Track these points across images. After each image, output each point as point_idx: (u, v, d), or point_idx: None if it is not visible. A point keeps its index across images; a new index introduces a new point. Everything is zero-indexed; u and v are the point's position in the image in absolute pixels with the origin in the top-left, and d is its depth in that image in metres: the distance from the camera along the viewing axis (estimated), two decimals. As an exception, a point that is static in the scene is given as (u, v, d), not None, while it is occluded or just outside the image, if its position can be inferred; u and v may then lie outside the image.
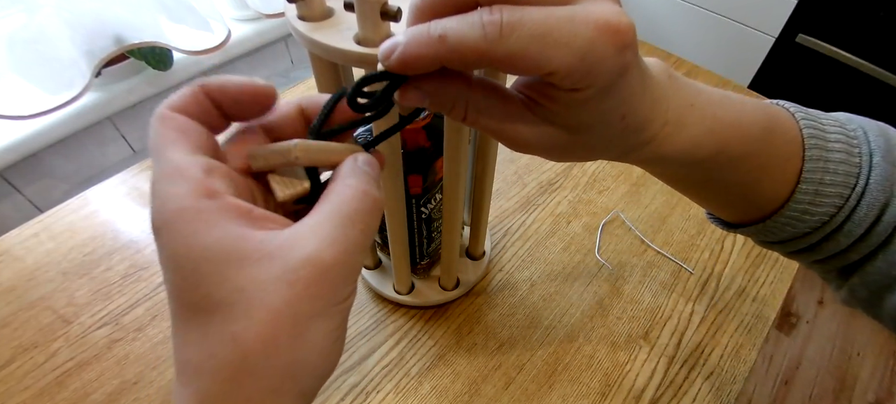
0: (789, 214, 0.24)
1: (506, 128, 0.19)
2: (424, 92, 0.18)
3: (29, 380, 0.42)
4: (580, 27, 0.15)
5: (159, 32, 0.75)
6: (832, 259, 0.26)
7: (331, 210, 0.16)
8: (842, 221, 0.24)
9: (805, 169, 0.23)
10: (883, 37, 1.13)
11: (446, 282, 0.47)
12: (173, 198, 0.15)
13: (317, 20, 0.26)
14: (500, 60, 0.16)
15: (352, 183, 0.17)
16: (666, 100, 0.21)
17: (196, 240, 0.14)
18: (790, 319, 1.32)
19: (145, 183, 0.58)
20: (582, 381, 0.43)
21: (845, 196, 0.23)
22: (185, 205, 0.15)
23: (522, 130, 0.19)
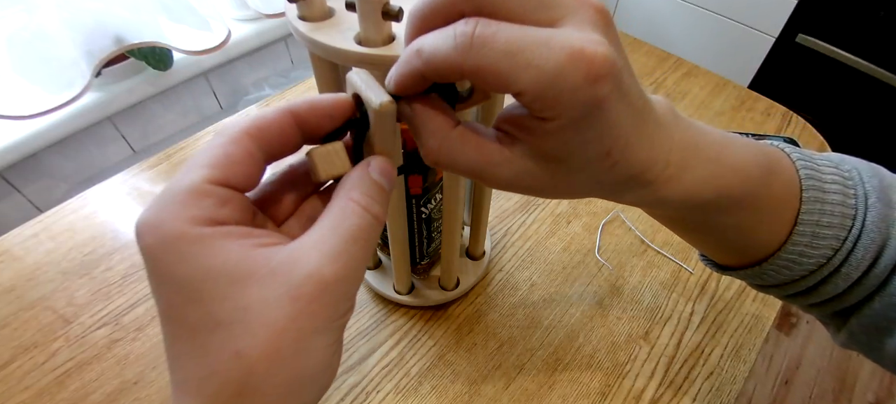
0: (786, 257, 0.24)
1: (483, 171, 0.18)
2: (408, 113, 0.19)
3: (29, 380, 0.42)
4: (554, 51, 0.15)
5: (159, 32, 0.75)
6: (829, 302, 0.25)
7: (333, 225, 0.16)
8: (839, 264, 0.23)
9: (802, 210, 0.23)
10: (883, 37, 1.13)
11: (446, 282, 0.47)
12: (176, 217, 0.15)
13: (317, 20, 0.26)
14: (470, 72, 0.16)
15: (356, 197, 0.17)
16: (669, 140, 0.20)
17: (198, 261, 0.15)
18: (790, 319, 1.32)
19: (145, 183, 0.58)
20: (582, 381, 0.43)
21: (842, 238, 0.23)
22: (186, 228, 0.15)
23: (500, 171, 0.18)
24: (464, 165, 0.19)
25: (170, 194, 0.15)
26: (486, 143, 0.18)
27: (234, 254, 0.15)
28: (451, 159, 0.18)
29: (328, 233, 0.16)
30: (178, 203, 0.15)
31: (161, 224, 0.15)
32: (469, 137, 0.18)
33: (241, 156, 0.17)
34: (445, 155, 0.18)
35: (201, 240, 0.15)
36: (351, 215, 0.17)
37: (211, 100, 0.97)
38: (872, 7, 1.10)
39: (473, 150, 0.18)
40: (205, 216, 0.15)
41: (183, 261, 0.15)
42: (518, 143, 0.18)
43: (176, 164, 0.60)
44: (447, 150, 0.18)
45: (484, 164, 0.18)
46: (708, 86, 0.74)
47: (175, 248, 0.15)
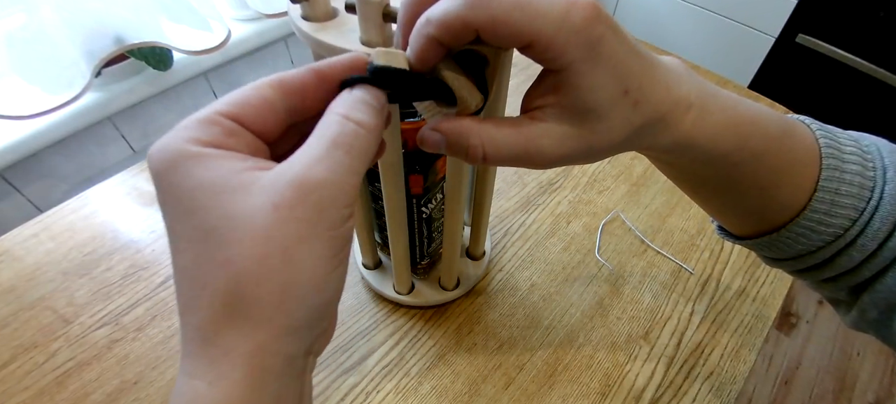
0: (805, 224, 0.24)
1: (527, 150, 0.20)
2: (442, 133, 0.20)
3: (29, 380, 0.42)
4: (555, 2, 0.17)
5: (159, 32, 0.75)
6: (842, 276, 0.25)
7: (317, 136, 0.17)
8: (856, 235, 0.23)
9: (822, 177, 0.23)
10: (883, 37, 1.13)
11: (447, 282, 0.47)
12: (179, 139, 0.16)
13: (320, 20, 0.26)
14: (482, 27, 0.17)
15: (336, 108, 0.17)
16: (686, 85, 0.21)
17: (193, 174, 0.15)
18: (790, 319, 1.32)
19: (145, 183, 0.58)
20: (582, 381, 0.43)
21: (860, 208, 0.23)
22: (187, 147, 0.16)
23: (543, 143, 0.20)
24: (507, 151, 0.20)
25: (182, 123, 0.16)
26: (522, 123, 0.20)
27: (226, 169, 0.15)
28: (495, 150, 0.20)
29: (314, 141, 0.16)
30: (185, 128, 0.16)
31: (167, 144, 0.16)
32: (502, 124, 0.20)
33: (256, 100, 0.17)
34: (490, 147, 0.20)
35: (199, 157, 0.15)
36: (332, 124, 0.17)
37: (211, 100, 0.97)
38: (872, 7, 1.10)
39: (512, 134, 0.20)
40: (207, 139, 0.16)
41: (181, 176, 0.15)
42: (548, 111, 0.20)
43: (176, 164, 0.60)
44: (490, 142, 0.19)
45: (526, 142, 0.20)
46: (708, 86, 0.74)
47: (174, 164, 0.15)
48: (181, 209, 0.15)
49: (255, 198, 0.15)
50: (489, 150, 0.20)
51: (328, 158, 0.16)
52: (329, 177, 0.16)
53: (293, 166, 0.16)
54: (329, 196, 0.16)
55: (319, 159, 0.16)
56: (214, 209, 0.15)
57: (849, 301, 0.27)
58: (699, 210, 0.57)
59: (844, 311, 0.28)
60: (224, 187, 0.15)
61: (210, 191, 0.15)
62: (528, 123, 0.20)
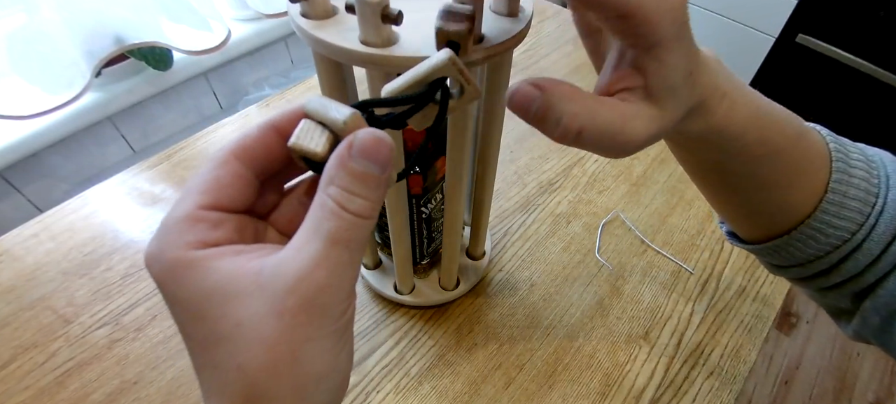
0: (815, 225, 0.25)
1: (623, 129, 0.19)
2: (542, 90, 0.19)
3: (29, 380, 0.42)
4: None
5: (159, 32, 0.75)
6: (847, 282, 0.26)
7: (312, 228, 0.16)
8: (862, 239, 0.24)
9: (832, 179, 0.24)
10: (883, 37, 1.13)
11: (447, 282, 0.47)
12: (171, 245, 0.16)
13: (320, 18, 0.26)
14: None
15: (332, 193, 0.16)
16: (721, 77, 0.22)
17: (194, 283, 0.16)
18: (790, 319, 1.32)
19: (145, 183, 0.58)
20: (582, 381, 0.43)
21: (866, 213, 0.24)
22: (180, 254, 0.16)
23: (637, 124, 0.19)
24: (605, 127, 0.19)
25: (167, 224, 0.16)
26: (618, 102, 0.20)
27: (224, 273, 0.16)
28: (593, 123, 0.19)
29: (307, 237, 0.16)
30: (174, 231, 0.16)
31: (161, 253, 0.16)
32: (601, 99, 0.19)
33: (229, 179, 0.17)
34: (588, 119, 0.19)
35: (195, 264, 0.16)
36: (329, 215, 0.16)
37: (211, 100, 0.97)
38: (872, 7, 1.10)
39: (611, 110, 0.19)
40: (198, 240, 0.16)
41: (183, 285, 0.16)
42: (637, 92, 0.20)
43: (176, 164, 0.60)
44: (589, 114, 0.19)
45: (622, 121, 0.19)
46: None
47: (174, 274, 0.16)
48: (189, 316, 0.16)
49: (258, 305, 0.15)
50: (586, 122, 0.18)
51: (327, 259, 0.15)
52: (330, 281, 0.15)
53: (291, 267, 0.15)
54: (331, 298, 0.16)
55: (318, 261, 0.15)
56: (221, 318, 0.15)
57: (851, 309, 0.28)
58: (699, 210, 0.57)
59: (845, 321, 0.28)
60: (226, 295, 0.15)
61: (213, 299, 0.15)
62: (621, 104, 0.19)
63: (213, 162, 0.17)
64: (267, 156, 0.18)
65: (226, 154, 0.18)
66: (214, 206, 0.17)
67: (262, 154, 0.18)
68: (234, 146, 0.18)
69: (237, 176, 0.17)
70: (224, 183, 0.17)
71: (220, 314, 0.15)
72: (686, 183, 0.59)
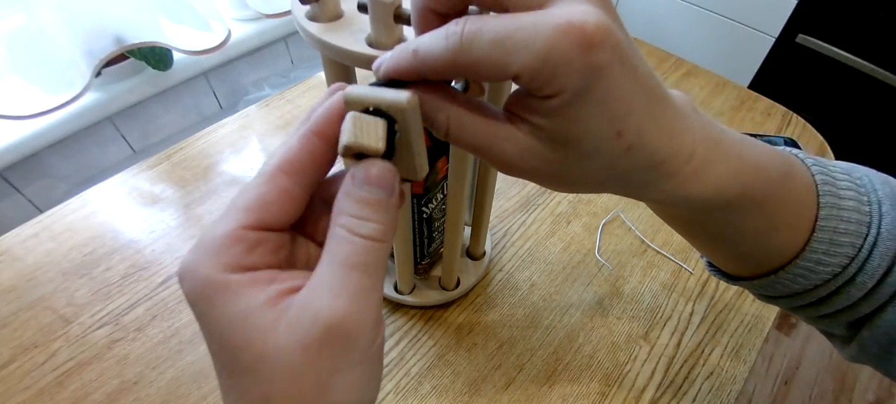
0: (803, 265, 0.23)
1: (491, 146, 0.18)
2: (421, 93, 0.18)
3: (29, 380, 0.42)
4: (541, 29, 0.15)
5: (159, 32, 0.75)
6: (840, 313, 0.25)
7: (329, 258, 0.16)
8: (854, 272, 0.23)
9: (820, 216, 0.22)
10: (883, 37, 1.13)
11: (447, 282, 0.47)
12: (205, 265, 0.16)
13: (328, 21, 0.26)
14: (465, 68, 0.16)
15: (342, 222, 0.16)
16: (690, 132, 0.19)
17: (223, 309, 0.16)
18: (790, 319, 1.32)
19: (145, 183, 0.58)
20: (582, 381, 0.43)
21: (858, 245, 0.22)
22: (213, 276, 0.16)
23: (507, 148, 0.18)
24: (470, 136, 0.18)
25: (205, 241, 0.16)
26: (494, 119, 0.18)
27: (252, 304, 0.16)
28: (459, 131, 0.18)
29: (326, 268, 0.16)
30: (211, 250, 0.16)
31: (195, 270, 0.16)
32: (476, 111, 0.18)
33: (275, 195, 0.17)
34: (455, 126, 0.18)
35: (227, 288, 0.16)
36: (342, 243, 0.16)
37: (211, 100, 0.97)
38: (872, 7, 1.10)
39: (481, 123, 0.18)
40: (234, 262, 0.16)
41: (213, 307, 0.16)
42: (526, 123, 0.18)
43: (176, 164, 0.60)
44: (456, 122, 0.18)
45: (490, 138, 0.18)
46: (708, 86, 0.74)
47: (205, 294, 0.16)
48: (217, 340, 0.16)
49: (284, 339, 0.15)
50: (453, 129, 0.18)
51: (346, 287, 0.15)
52: (352, 309, 0.15)
53: (314, 301, 0.15)
54: (355, 326, 0.15)
55: (338, 291, 0.15)
56: (247, 348, 0.15)
57: (847, 336, 0.26)
58: (699, 210, 0.57)
59: (841, 345, 0.27)
60: (254, 327, 0.15)
61: (238, 327, 0.15)
62: (501, 122, 0.18)
63: (261, 177, 0.17)
64: (314, 166, 0.18)
65: (272, 169, 0.17)
66: (258, 225, 0.17)
67: (310, 164, 0.18)
68: (280, 160, 0.17)
69: (283, 191, 0.17)
70: (269, 200, 0.17)
71: (245, 343, 0.15)
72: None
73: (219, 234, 0.16)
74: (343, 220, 0.16)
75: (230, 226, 0.16)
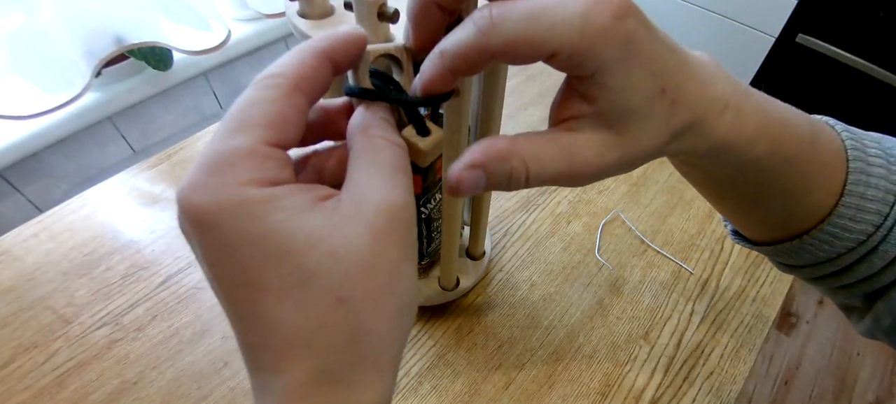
0: (830, 229, 0.23)
1: (574, 163, 0.18)
2: (480, 169, 0.18)
3: (29, 380, 0.42)
4: (571, 4, 0.15)
5: (159, 32, 0.75)
6: (861, 283, 0.25)
7: (371, 161, 0.17)
8: (879, 241, 0.23)
9: (849, 181, 0.22)
10: (883, 37, 1.13)
11: (446, 282, 0.47)
12: (239, 181, 0.14)
13: (317, 18, 0.26)
14: (500, 51, 0.16)
15: (377, 132, 0.17)
16: (721, 83, 0.19)
17: (273, 218, 0.14)
18: (790, 319, 1.32)
19: (145, 183, 0.58)
20: (582, 381, 0.43)
21: (884, 213, 0.22)
22: (253, 191, 0.14)
23: (586, 154, 0.18)
24: (552, 168, 0.18)
25: (224, 157, 0.15)
26: (558, 135, 0.18)
27: (306, 205, 0.15)
28: (539, 168, 0.18)
29: (371, 168, 0.16)
30: (239, 167, 0.14)
31: (219, 191, 0.14)
32: (538, 139, 0.18)
33: (295, 116, 0.16)
34: (533, 166, 0.18)
35: (271, 199, 0.14)
36: (383, 149, 0.17)
37: (211, 100, 0.97)
38: (872, 7, 1.10)
39: (553, 147, 0.18)
40: (267, 178, 0.15)
41: (256, 221, 0.14)
42: (585, 121, 0.18)
43: (176, 164, 0.60)
44: (533, 161, 0.18)
45: (569, 156, 0.18)
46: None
47: (245, 211, 0.14)
48: (262, 257, 0.14)
49: (349, 230, 0.15)
50: (532, 169, 0.18)
51: (397, 182, 0.16)
52: (407, 199, 0.16)
53: (370, 191, 0.16)
54: (408, 216, 0.16)
55: (391, 184, 0.16)
56: (311, 250, 0.14)
57: (862, 308, 0.26)
58: (699, 210, 0.57)
59: (857, 319, 0.27)
60: (312, 225, 0.14)
61: (299, 231, 0.14)
62: (565, 134, 0.18)
63: (278, 90, 0.16)
64: (321, 90, 0.17)
65: (290, 85, 0.16)
66: (279, 144, 0.15)
67: (319, 87, 0.17)
68: (296, 75, 0.16)
69: (300, 111, 0.16)
70: (289, 118, 0.16)
71: (308, 246, 0.14)
72: (686, 183, 0.59)
73: (243, 149, 0.15)
74: (376, 131, 0.17)
75: (253, 142, 0.15)
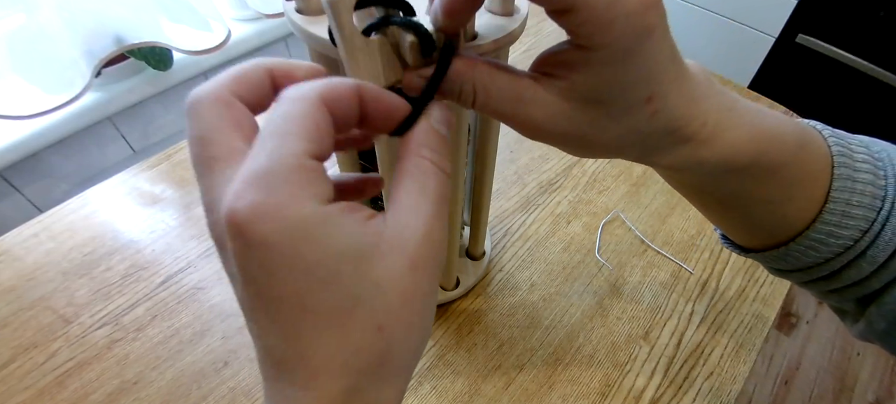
0: (814, 237, 0.23)
1: (518, 111, 0.18)
2: None
3: (29, 380, 0.42)
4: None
5: (159, 32, 0.75)
6: (851, 287, 0.25)
7: (420, 188, 0.16)
8: (866, 246, 0.22)
9: (833, 187, 0.22)
10: (883, 37, 1.13)
11: (446, 282, 0.47)
12: (295, 200, 0.14)
13: (314, 14, 0.26)
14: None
15: (428, 155, 0.17)
16: (706, 99, 0.19)
17: (329, 241, 0.14)
18: (790, 319, 1.32)
19: (145, 183, 0.58)
20: (582, 381, 0.43)
21: (871, 219, 0.22)
22: (311, 209, 0.14)
23: (534, 110, 0.18)
24: (496, 102, 0.18)
25: (275, 173, 0.14)
26: (522, 81, 0.18)
27: (351, 229, 0.15)
28: (486, 98, 0.18)
29: (418, 196, 0.16)
30: (294, 183, 0.14)
31: (283, 207, 0.13)
32: (501, 75, 0.18)
33: (328, 129, 0.15)
34: (481, 95, 0.18)
35: (327, 220, 0.14)
36: (431, 175, 0.17)
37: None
38: (872, 7, 1.10)
39: (507, 89, 0.18)
40: (322, 193, 0.14)
41: (314, 244, 0.14)
42: (556, 81, 0.18)
43: (176, 164, 0.60)
44: (483, 90, 0.18)
45: (517, 103, 0.18)
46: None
47: (303, 232, 0.14)
48: (314, 281, 0.14)
49: (393, 261, 0.15)
50: (480, 97, 0.18)
51: (439, 214, 0.16)
52: (445, 232, 0.16)
53: (414, 223, 0.16)
54: (444, 248, 0.16)
55: (434, 217, 0.16)
56: (358, 277, 0.14)
57: (856, 312, 0.26)
58: (699, 210, 0.57)
59: (850, 322, 0.27)
60: (363, 252, 0.15)
61: (351, 258, 0.14)
62: (528, 84, 0.18)
63: (308, 103, 0.15)
64: (347, 118, 0.16)
65: (316, 96, 0.15)
66: (319, 157, 0.15)
67: (345, 114, 0.16)
68: (325, 91, 0.15)
69: (330, 124, 0.15)
70: (325, 132, 0.15)
71: (358, 273, 0.14)
72: (686, 183, 0.59)
73: (293, 165, 0.14)
74: (428, 153, 0.17)
75: (299, 153, 0.14)
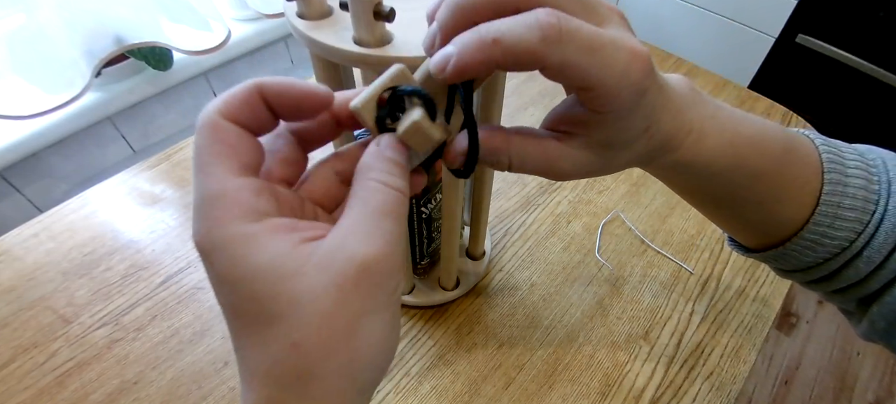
0: (808, 238, 0.24)
1: (550, 168, 0.21)
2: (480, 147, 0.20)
3: (29, 380, 0.42)
4: (620, 52, 0.17)
5: (159, 32, 0.75)
6: (851, 288, 0.26)
7: (361, 207, 0.17)
8: (861, 248, 0.24)
9: (824, 192, 0.24)
10: (883, 37, 1.13)
11: (446, 282, 0.47)
12: (221, 222, 0.15)
13: (315, 19, 0.26)
14: (551, 66, 0.16)
15: (375, 176, 0.17)
16: (689, 110, 0.22)
17: (248, 261, 0.15)
18: (790, 319, 1.32)
19: (145, 183, 0.58)
20: (582, 381, 0.43)
21: (864, 222, 0.23)
22: (234, 230, 0.15)
23: (563, 165, 0.21)
24: (531, 166, 0.21)
25: (203, 202, 0.16)
26: (547, 142, 0.21)
27: (280, 250, 0.15)
28: (520, 163, 0.21)
29: (358, 214, 0.17)
30: (219, 207, 0.16)
31: (212, 229, 0.15)
32: (528, 140, 0.21)
33: (241, 140, 0.17)
34: (516, 160, 0.21)
35: (249, 240, 0.15)
36: (376, 193, 0.17)
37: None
38: (872, 7, 1.10)
39: (536, 153, 0.21)
40: (250, 210, 0.16)
41: (235, 263, 0.15)
42: (575, 138, 0.20)
43: (176, 164, 0.60)
44: (517, 156, 0.20)
45: (548, 161, 0.21)
46: (708, 86, 0.74)
47: (230, 251, 0.15)
48: (241, 296, 0.15)
49: (315, 279, 0.15)
50: (515, 163, 0.21)
51: (380, 230, 0.16)
52: (385, 250, 0.16)
53: (347, 241, 0.16)
54: (386, 268, 0.16)
55: (372, 235, 0.16)
56: (277, 296, 0.15)
57: (859, 312, 0.27)
58: (699, 210, 0.57)
59: (856, 322, 0.28)
60: (282, 272, 0.15)
61: (269, 277, 0.15)
62: (553, 144, 0.20)
63: (206, 127, 0.17)
64: (318, 138, 0.20)
65: (215, 115, 0.17)
66: (246, 170, 0.17)
67: (254, 116, 0.18)
68: (221, 107, 0.17)
69: (242, 135, 0.17)
70: (240, 146, 0.17)
71: (275, 292, 0.15)
72: (686, 183, 0.59)
73: (215, 190, 0.16)
74: (375, 174, 0.17)
75: (220, 178, 0.16)
